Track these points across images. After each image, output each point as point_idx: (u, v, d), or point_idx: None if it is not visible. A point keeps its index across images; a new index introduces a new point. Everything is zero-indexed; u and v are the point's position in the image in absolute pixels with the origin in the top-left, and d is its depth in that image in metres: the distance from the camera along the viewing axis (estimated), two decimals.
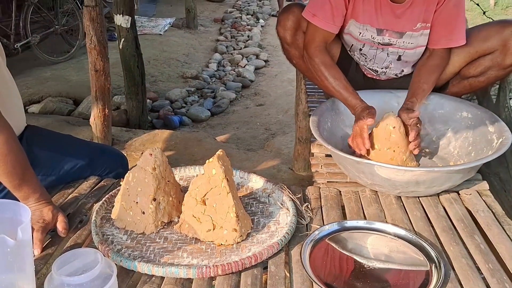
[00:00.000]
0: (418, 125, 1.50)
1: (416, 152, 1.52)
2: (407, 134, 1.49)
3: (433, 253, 1.14)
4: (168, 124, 3.72)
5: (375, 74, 1.91)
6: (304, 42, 1.77)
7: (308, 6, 1.73)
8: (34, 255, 1.14)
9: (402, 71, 1.85)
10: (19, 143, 1.22)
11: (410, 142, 1.49)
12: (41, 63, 4.75)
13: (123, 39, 3.24)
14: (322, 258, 1.16)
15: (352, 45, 1.82)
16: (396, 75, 1.87)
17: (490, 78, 1.73)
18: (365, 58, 1.84)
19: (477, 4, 2.79)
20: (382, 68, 1.85)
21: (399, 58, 1.79)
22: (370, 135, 1.53)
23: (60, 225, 1.24)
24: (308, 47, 1.73)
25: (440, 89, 1.83)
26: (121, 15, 3.18)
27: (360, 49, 1.81)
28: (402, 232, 1.23)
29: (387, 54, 1.79)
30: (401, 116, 1.51)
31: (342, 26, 1.75)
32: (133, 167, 1.28)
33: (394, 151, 1.49)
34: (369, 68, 1.89)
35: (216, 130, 3.74)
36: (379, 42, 1.75)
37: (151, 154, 1.25)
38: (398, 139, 1.48)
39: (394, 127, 1.48)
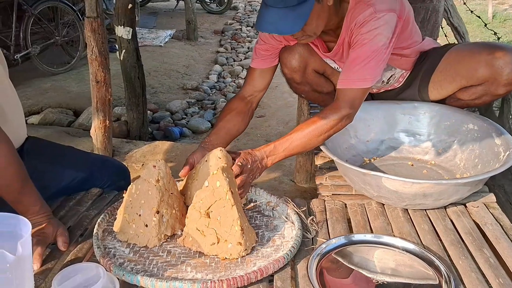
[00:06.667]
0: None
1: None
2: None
3: (442, 268, 1.12)
4: (168, 136, 3.71)
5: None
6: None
7: None
8: (33, 270, 1.11)
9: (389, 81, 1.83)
10: (18, 156, 1.20)
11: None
12: (41, 74, 4.75)
13: (124, 51, 3.24)
14: (329, 273, 1.14)
15: None
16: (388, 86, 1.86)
17: (486, 102, 1.71)
18: None
19: (479, 17, 2.79)
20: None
21: None
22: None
23: (61, 239, 1.21)
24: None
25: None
26: (122, 26, 3.18)
27: None
28: (410, 246, 1.21)
29: None
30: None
31: None
32: (134, 178, 1.26)
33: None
34: None
35: None
36: None
37: (155, 166, 1.23)
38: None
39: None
